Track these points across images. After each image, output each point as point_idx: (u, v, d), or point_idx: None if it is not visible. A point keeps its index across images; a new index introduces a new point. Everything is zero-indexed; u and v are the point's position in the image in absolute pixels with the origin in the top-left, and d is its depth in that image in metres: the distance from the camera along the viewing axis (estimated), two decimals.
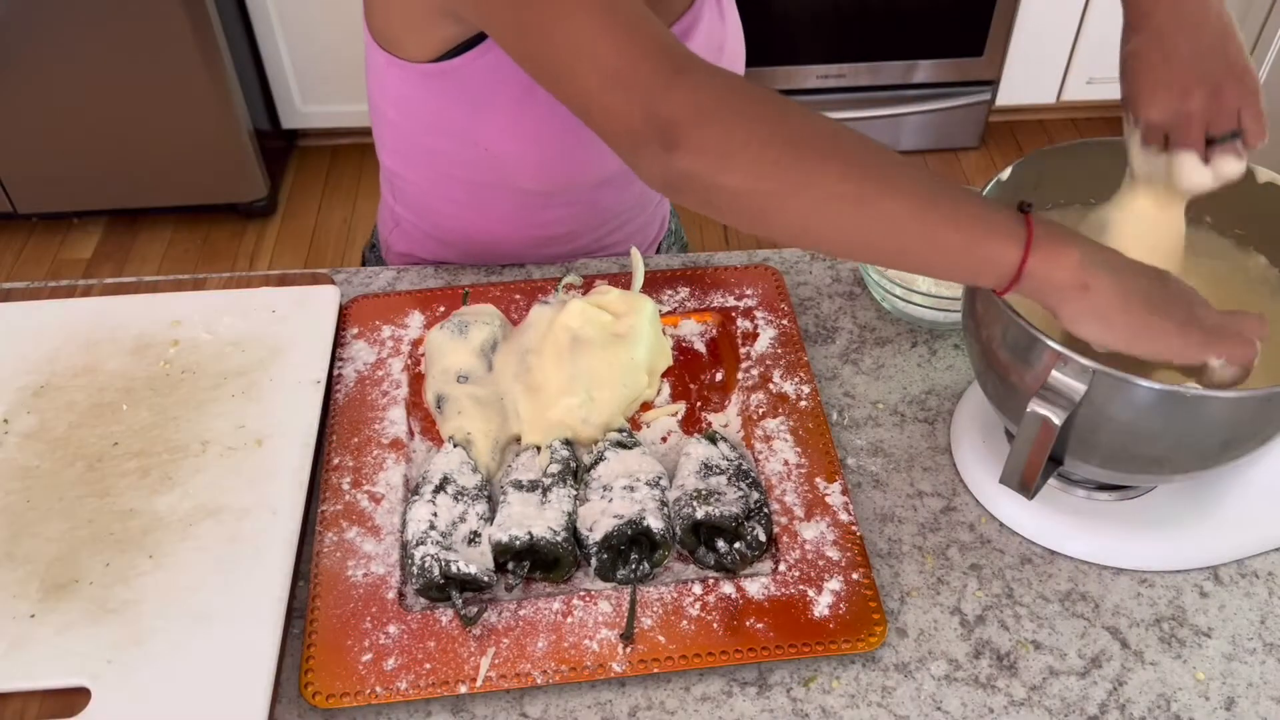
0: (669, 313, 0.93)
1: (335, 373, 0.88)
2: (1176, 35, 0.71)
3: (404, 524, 0.76)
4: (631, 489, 0.76)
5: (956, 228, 0.63)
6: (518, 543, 0.73)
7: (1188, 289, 0.65)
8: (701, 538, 0.75)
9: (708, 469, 0.78)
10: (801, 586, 0.73)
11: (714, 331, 0.93)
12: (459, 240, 1.01)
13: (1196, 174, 0.70)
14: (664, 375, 0.89)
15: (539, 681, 0.69)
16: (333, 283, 0.94)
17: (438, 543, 0.73)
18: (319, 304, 0.92)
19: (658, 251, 1.17)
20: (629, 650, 0.70)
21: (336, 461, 0.81)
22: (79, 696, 0.67)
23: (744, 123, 0.63)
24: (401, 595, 0.73)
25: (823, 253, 0.68)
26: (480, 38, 0.81)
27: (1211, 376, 0.65)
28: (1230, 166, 0.70)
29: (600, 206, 1.01)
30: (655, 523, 0.74)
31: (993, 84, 2.58)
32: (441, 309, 0.93)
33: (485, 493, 0.79)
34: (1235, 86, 0.70)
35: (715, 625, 0.71)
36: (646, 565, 0.74)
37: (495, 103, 0.85)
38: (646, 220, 1.10)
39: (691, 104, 0.63)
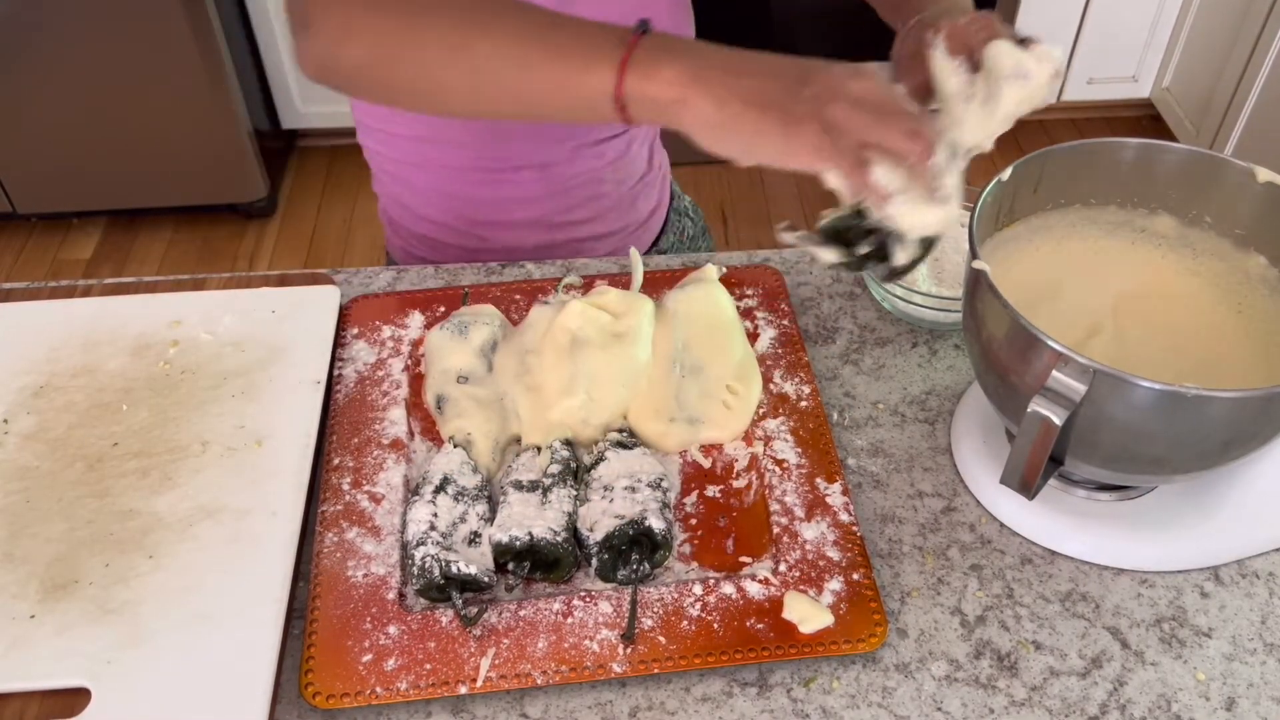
0: None
1: (335, 373, 0.88)
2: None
3: (404, 524, 0.76)
4: (633, 489, 0.76)
5: (559, 58, 0.59)
6: (518, 543, 0.73)
7: (843, 86, 0.56)
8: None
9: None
10: (802, 587, 0.73)
11: None
12: (427, 209, 1.03)
13: (1011, 57, 0.61)
14: None
15: (539, 682, 0.69)
16: (333, 283, 0.94)
17: (438, 543, 0.73)
18: (319, 304, 0.92)
19: (663, 250, 1.17)
20: (629, 651, 0.70)
21: (336, 462, 0.81)
22: (79, 697, 0.67)
23: None
24: (402, 596, 0.73)
25: (452, 113, 0.66)
26: None
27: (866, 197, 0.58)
28: (1045, 52, 0.62)
29: (552, 172, 1.01)
30: (657, 523, 0.74)
31: None
32: (441, 309, 0.93)
33: (485, 493, 0.79)
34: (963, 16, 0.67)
35: (716, 625, 0.71)
36: (647, 566, 0.74)
37: None
38: (622, 201, 1.08)
39: None
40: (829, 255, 0.64)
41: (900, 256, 0.63)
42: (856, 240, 0.64)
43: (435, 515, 0.74)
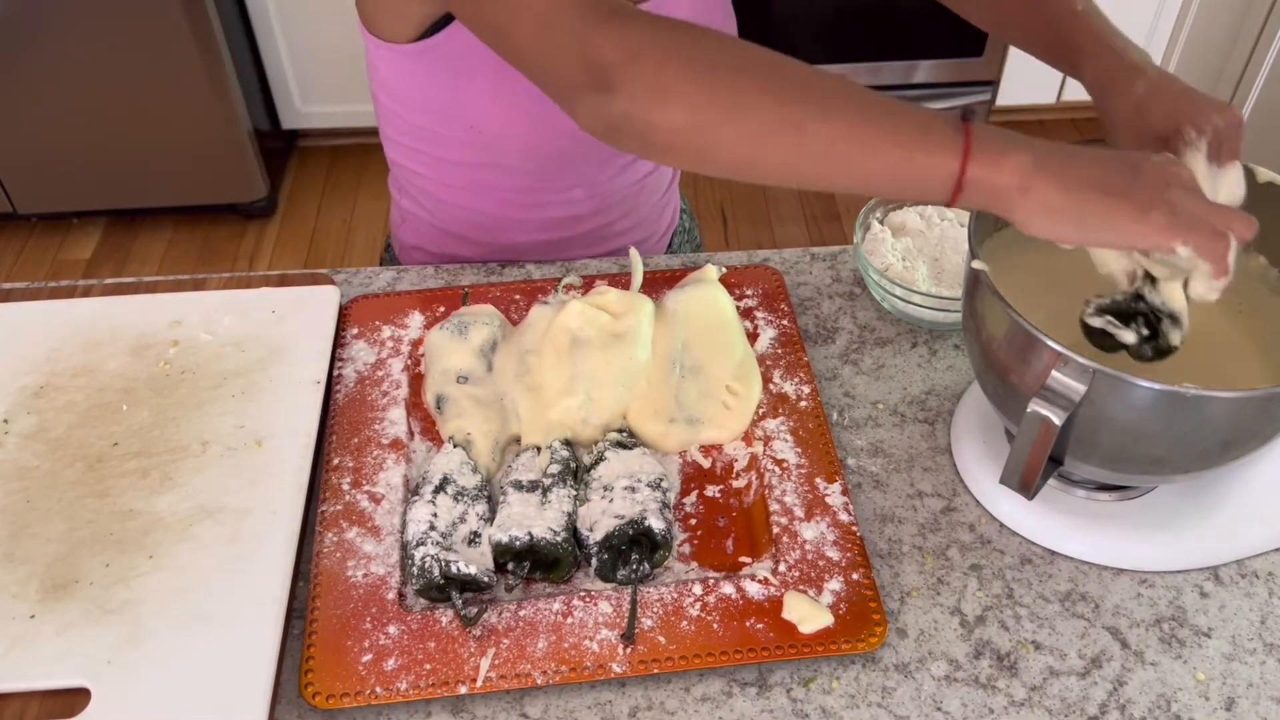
0: None
1: (335, 373, 0.88)
2: (1172, 80, 0.70)
3: (404, 524, 0.76)
4: (633, 489, 0.76)
5: (896, 144, 0.61)
6: (518, 543, 0.73)
7: (1173, 173, 0.61)
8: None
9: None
10: (802, 587, 0.73)
11: None
12: (463, 229, 1.02)
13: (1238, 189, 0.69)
14: None
15: (539, 682, 0.69)
16: (332, 283, 0.94)
17: (438, 543, 0.73)
18: (319, 304, 0.92)
19: (669, 249, 1.18)
20: (629, 651, 0.70)
21: (336, 462, 0.81)
22: (79, 697, 0.67)
23: (677, 59, 0.62)
24: (401, 596, 0.73)
25: (766, 182, 0.67)
26: (452, 15, 0.82)
27: (1188, 276, 0.62)
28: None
29: (601, 189, 1.01)
30: (656, 523, 0.74)
31: (993, 84, 2.58)
32: (441, 309, 0.93)
33: (485, 493, 0.79)
34: (1219, 116, 0.69)
35: (715, 626, 0.71)
36: (647, 566, 0.74)
37: (474, 79, 0.86)
38: (654, 209, 1.10)
39: (622, 45, 0.62)
40: (1129, 336, 0.67)
41: (1175, 337, 0.66)
42: (1126, 322, 0.67)
43: (435, 515, 0.74)
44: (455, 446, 0.80)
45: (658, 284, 0.95)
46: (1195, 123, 0.69)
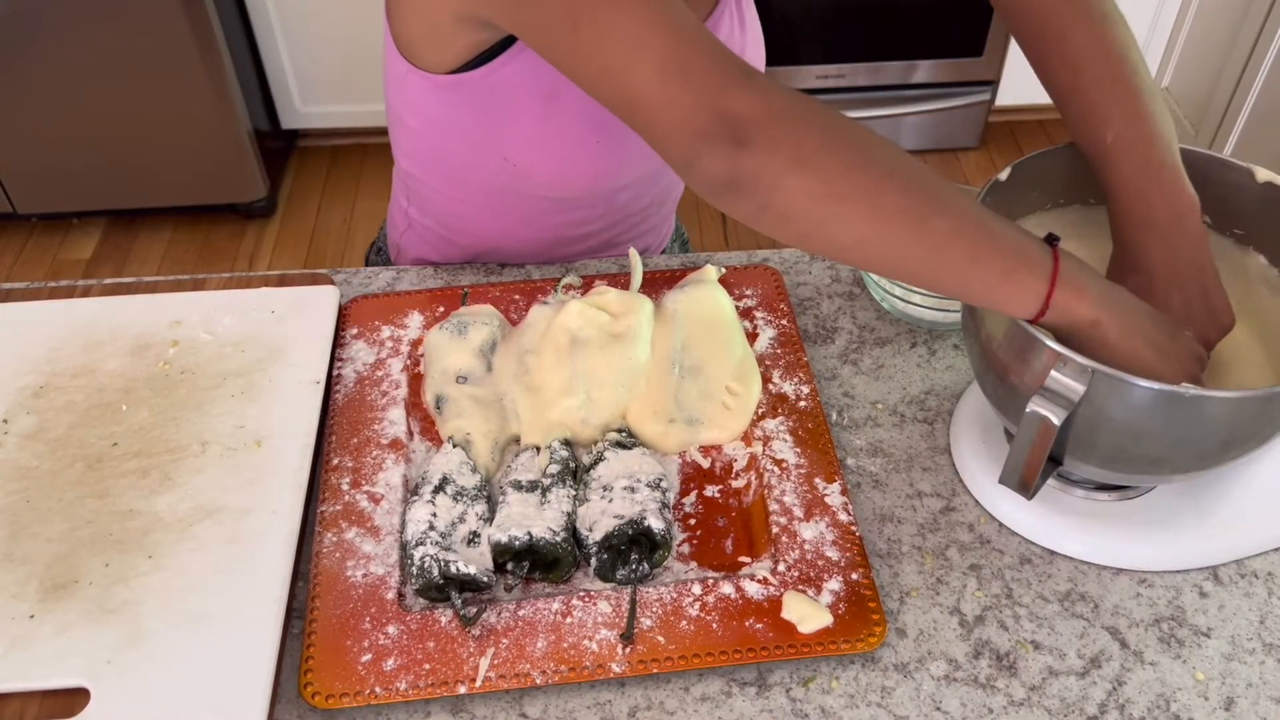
0: None
1: (334, 373, 0.88)
2: (1170, 287, 0.73)
3: (403, 524, 0.76)
4: (632, 490, 0.76)
5: (1000, 254, 0.64)
6: (517, 543, 0.73)
7: (1199, 353, 0.71)
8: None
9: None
10: (801, 587, 0.73)
11: None
12: (472, 242, 1.02)
13: None
14: None
15: (538, 682, 0.69)
16: (332, 283, 0.94)
17: (437, 543, 0.73)
18: (318, 304, 0.92)
19: (662, 252, 1.18)
20: (628, 650, 0.70)
21: (336, 462, 0.81)
22: (78, 697, 0.67)
23: (816, 127, 0.63)
24: (401, 595, 0.73)
25: (866, 267, 0.68)
26: (499, 49, 0.81)
27: None
28: None
29: (616, 208, 1.01)
30: (656, 523, 0.74)
31: (992, 84, 2.58)
32: (441, 309, 0.93)
33: (484, 493, 0.79)
34: (1217, 334, 0.74)
35: (715, 625, 0.71)
36: (646, 566, 0.74)
37: (517, 113, 0.85)
38: (660, 220, 1.10)
39: (764, 102, 0.62)
40: None
41: None
42: None
43: (434, 515, 0.75)
44: (454, 446, 0.80)
45: (657, 284, 0.95)
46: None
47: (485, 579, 0.72)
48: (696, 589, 0.73)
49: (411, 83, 0.87)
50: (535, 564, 0.74)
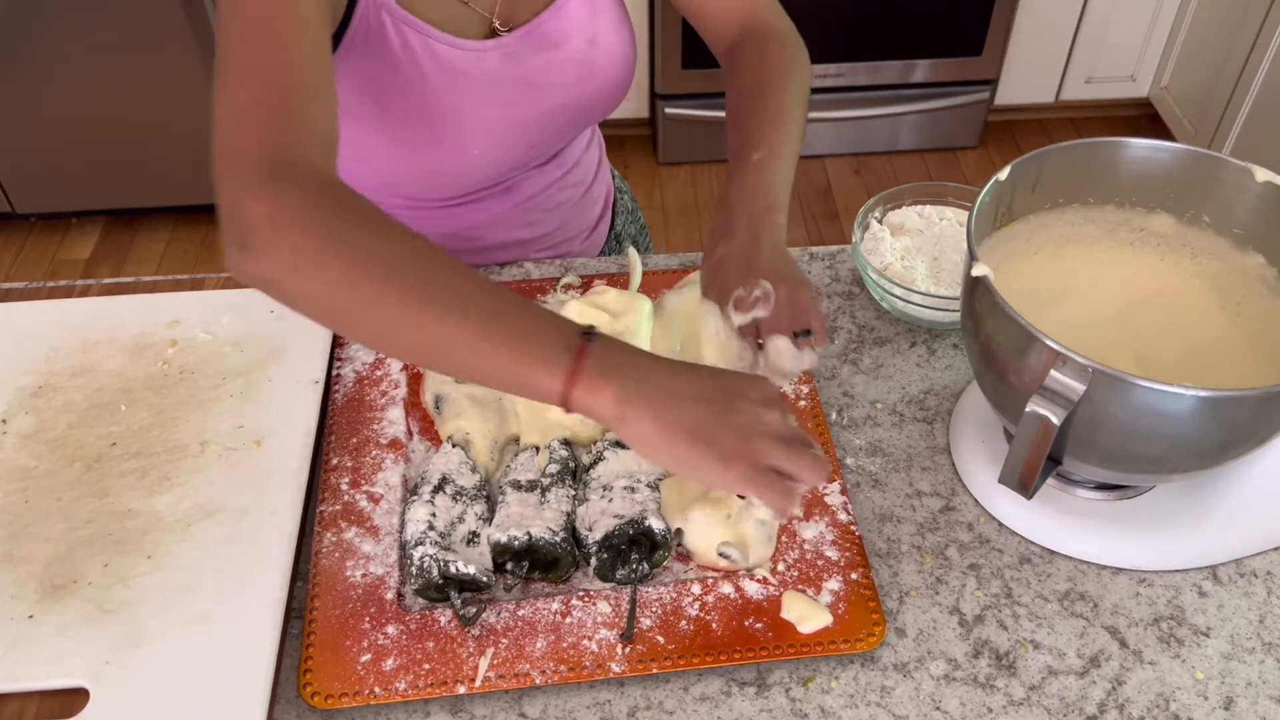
0: None
1: (334, 373, 0.88)
2: (754, 252, 0.76)
3: (402, 524, 0.76)
4: (632, 489, 0.76)
5: (509, 356, 0.63)
6: (516, 543, 0.73)
7: (762, 422, 0.64)
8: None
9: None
10: (800, 586, 0.73)
11: None
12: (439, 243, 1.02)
13: (789, 358, 0.74)
14: None
15: (538, 682, 0.69)
16: None
17: (436, 543, 0.73)
18: None
19: (612, 229, 1.16)
20: (628, 650, 0.70)
21: (335, 462, 0.81)
22: (78, 697, 0.67)
23: (316, 236, 0.63)
24: (400, 595, 0.73)
25: (400, 359, 0.76)
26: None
27: (754, 510, 0.74)
28: (810, 357, 0.75)
29: (518, 190, 1.00)
30: (656, 523, 0.74)
31: (991, 83, 2.58)
32: None
33: (484, 493, 0.79)
34: (804, 292, 0.75)
35: (714, 625, 0.71)
36: (646, 565, 0.74)
37: (359, 115, 0.86)
38: (583, 201, 1.09)
39: (269, 210, 0.63)
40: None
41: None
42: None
43: (434, 515, 0.74)
44: (454, 446, 0.80)
45: (656, 284, 0.95)
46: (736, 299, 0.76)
47: (485, 579, 0.72)
48: (696, 589, 0.73)
49: None
50: (535, 564, 0.74)
